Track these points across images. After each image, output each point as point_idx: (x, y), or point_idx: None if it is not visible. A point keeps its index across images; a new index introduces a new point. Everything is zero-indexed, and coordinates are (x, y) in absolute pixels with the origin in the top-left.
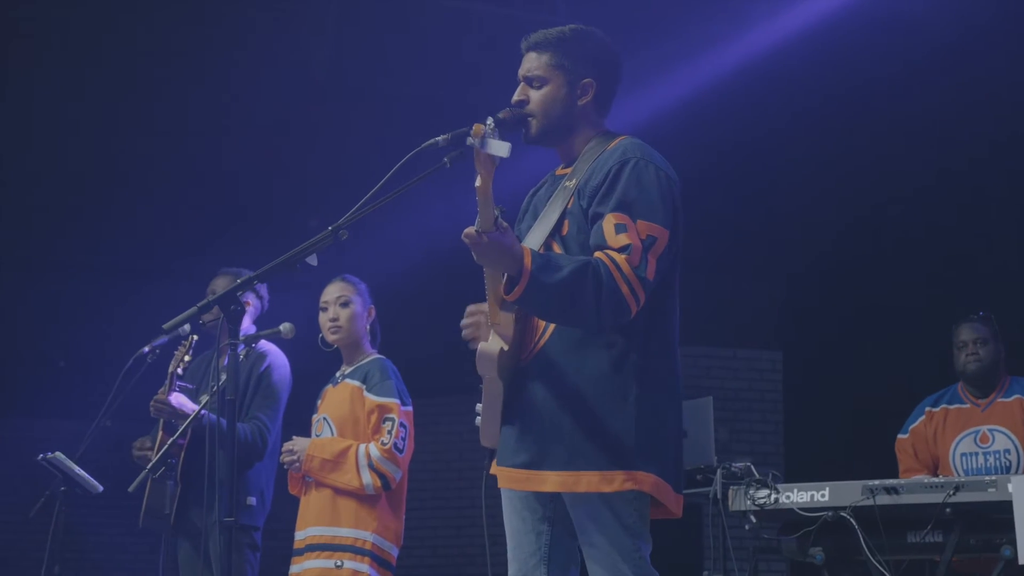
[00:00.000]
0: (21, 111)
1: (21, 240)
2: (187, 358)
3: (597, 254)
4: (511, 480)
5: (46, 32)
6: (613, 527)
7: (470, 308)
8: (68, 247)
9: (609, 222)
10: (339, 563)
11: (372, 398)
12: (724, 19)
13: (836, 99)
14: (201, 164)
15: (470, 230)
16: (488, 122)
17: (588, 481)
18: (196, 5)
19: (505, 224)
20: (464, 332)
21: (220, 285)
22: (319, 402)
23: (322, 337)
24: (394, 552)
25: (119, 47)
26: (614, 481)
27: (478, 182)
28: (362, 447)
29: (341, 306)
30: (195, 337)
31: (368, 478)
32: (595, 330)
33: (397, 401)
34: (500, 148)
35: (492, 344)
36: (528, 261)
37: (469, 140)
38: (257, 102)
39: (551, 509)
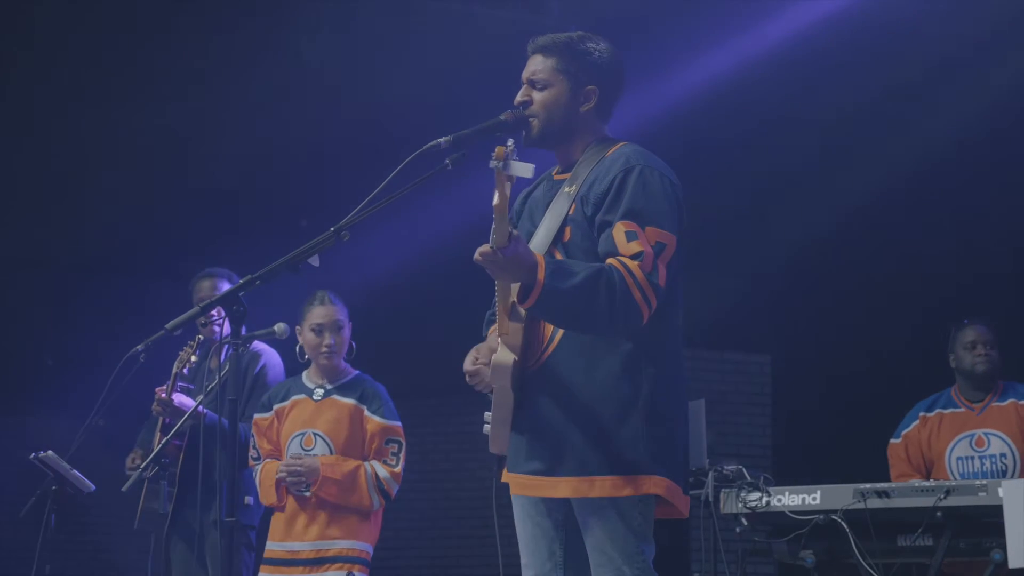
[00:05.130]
0: (18, 110)
1: (12, 237)
2: (193, 358)
3: (610, 261)
4: (524, 487)
5: (45, 34)
6: (619, 530)
7: (469, 367)
8: (60, 245)
9: (619, 230)
10: (350, 574)
11: (378, 420)
12: (716, 20)
13: (826, 98)
14: (194, 164)
15: (485, 248)
16: (509, 144)
17: (601, 486)
18: (192, 5)
19: (516, 232)
20: (475, 385)
21: (204, 287)
22: (287, 409)
23: (300, 348)
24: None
25: (114, 48)
26: (628, 486)
27: (496, 200)
28: (368, 468)
29: (337, 331)
30: (200, 337)
31: (377, 499)
32: (608, 336)
33: (400, 424)
34: (523, 169)
35: (504, 355)
36: (542, 268)
37: (492, 163)
38: (252, 103)
39: (563, 514)
